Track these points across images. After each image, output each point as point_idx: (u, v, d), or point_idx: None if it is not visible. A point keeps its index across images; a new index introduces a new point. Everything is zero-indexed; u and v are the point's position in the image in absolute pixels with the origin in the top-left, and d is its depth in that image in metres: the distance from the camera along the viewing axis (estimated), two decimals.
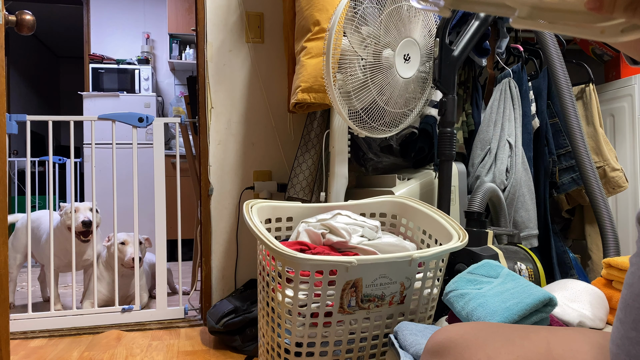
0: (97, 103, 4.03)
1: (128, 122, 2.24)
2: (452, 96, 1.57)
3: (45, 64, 6.56)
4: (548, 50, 1.78)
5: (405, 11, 1.49)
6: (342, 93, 1.48)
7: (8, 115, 2.10)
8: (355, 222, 1.32)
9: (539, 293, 0.94)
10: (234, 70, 2.17)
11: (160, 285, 2.20)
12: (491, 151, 1.82)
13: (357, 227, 1.31)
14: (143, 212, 2.29)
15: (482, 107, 1.97)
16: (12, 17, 1.31)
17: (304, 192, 1.95)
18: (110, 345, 1.88)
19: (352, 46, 1.46)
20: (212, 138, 2.15)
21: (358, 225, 1.31)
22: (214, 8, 2.14)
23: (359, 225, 1.31)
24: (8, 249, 1.30)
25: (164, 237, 2.20)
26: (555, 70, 1.77)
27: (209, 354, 1.79)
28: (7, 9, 1.33)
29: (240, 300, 1.87)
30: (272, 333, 1.18)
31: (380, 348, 1.21)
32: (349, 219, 1.33)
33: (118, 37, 4.60)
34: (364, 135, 1.56)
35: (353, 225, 1.31)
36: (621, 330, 0.44)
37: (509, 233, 1.60)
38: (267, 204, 1.37)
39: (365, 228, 1.31)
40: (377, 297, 1.13)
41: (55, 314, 2.09)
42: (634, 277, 0.44)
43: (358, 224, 1.31)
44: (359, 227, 1.31)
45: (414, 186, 1.70)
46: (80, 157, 4.37)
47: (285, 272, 1.10)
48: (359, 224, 1.31)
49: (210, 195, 2.15)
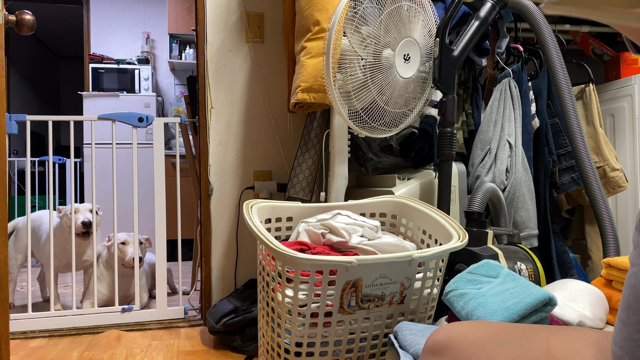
0: (97, 103, 4.03)
1: (128, 122, 2.24)
2: (452, 96, 1.57)
3: (45, 64, 6.56)
4: (548, 50, 1.78)
5: (405, 11, 1.49)
6: (342, 93, 1.48)
7: (8, 115, 2.10)
8: (355, 222, 1.32)
9: (538, 293, 0.94)
10: (234, 70, 2.17)
11: (160, 285, 2.20)
12: (491, 151, 1.82)
13: (357, 227, 1.31)
14: (143, 212, 2.29)
15: (482, 107, 1.97)
16: (12, 17, 1.31)
17: (304, 192, 1.95)
18: (110, 345, 1.88)
19: (352, 46, 1.46)
20: (212, 138, 2.15)
21: (358, 225, 1.31)
22: (214, 8, 2.14)
23: (358, 225, 1.31)
24: (9, 250, 1.30)
25: (164, 237, 2.20)
26: (555, 70, 1.77)
27: (209, 354, 1.79)
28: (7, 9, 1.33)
29: (240, 300, 1.87)
30: (272, 333, 1.18)
31: (380, 348, 1.21)
32: (349, 219, 1.33)
33: (118, 37, 4.60)
34: (364, 135, 1.56)
35: (353, 225, 1.31)
36: (624, 332, 0.44)
37: (509, 233, 1.60)
38: (267, 204, 1.37)
39: (365, 228, 1.31)
40: (377, 297, 1.13)
41: (55, 314, 2.09)
42: (636, 277, 0.44)
43: (358, 224, 1.31)
44: (359, 227, 1.31)
45: (414, 186, 1.70)
46: (80, 157, 4.37)
47: (285, 272, 1.10)
48: (359, 224, 1.31)
49: (210, 195, 2.15)
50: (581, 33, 2.37)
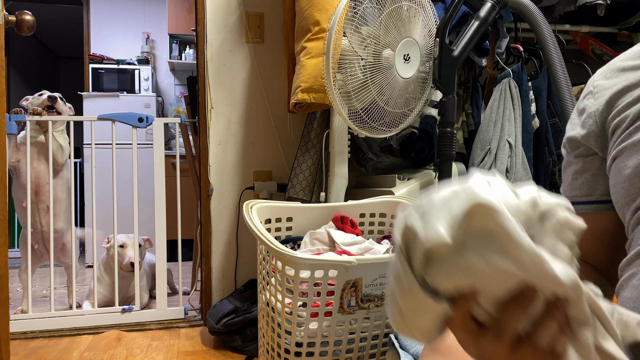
0: (97, 103, 4.03)
1: (128, 122, 2.24)
2: (452, 96, 1.57)
3: (45, 64, 6.56)
4: (548, 50, 1.78)
5: (405, 11, 1.49)
6: (342, 93, 1.48)
7: (8, 115, 2.10)
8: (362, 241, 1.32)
9: None
10: (234, 70, 2.17)
11: (160, 286, 2.19)
12: (491, 151, 1.82)
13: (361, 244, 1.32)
14: (143, 212, 2.29)
15: (482, 107, 1.97)
16: (12, 17, 1.31)
17: (304, 192, 1.95)
18: (110, 346, 1.88)
19: (352, 46, 1.46)
20: (212, 138, 2.15)
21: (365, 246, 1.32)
22: (214, 8, 2.14)
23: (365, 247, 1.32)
24: None
25: (164, 238, 2.20)
26: (555, 70, 1.77)
27: (209, 354, 1.79)
28: (7, 9, 1.33)
29: (240, 300, 1.87)
30: (272, 333, 1.18)
31: (380, 348, 1.21)
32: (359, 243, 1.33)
33: (118, 37, 4.60)
34: (364, 135, 1.56)
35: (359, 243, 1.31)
36: None
37: None
38: (267, 204, 1.37)
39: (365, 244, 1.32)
40: (377, 296, 1.13)
41: (55, 314, 2.09)
42: None
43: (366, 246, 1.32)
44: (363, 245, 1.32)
45: (414, 186, 1.70)
46: (80, 157, 4.36)
47: (285, 272, 1.10)
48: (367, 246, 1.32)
49: (210, 195, 2.15)
50: (581, 33, 2.37)
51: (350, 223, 1.40)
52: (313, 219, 1.44)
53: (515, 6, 1.76)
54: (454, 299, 0.41)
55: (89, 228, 3.51)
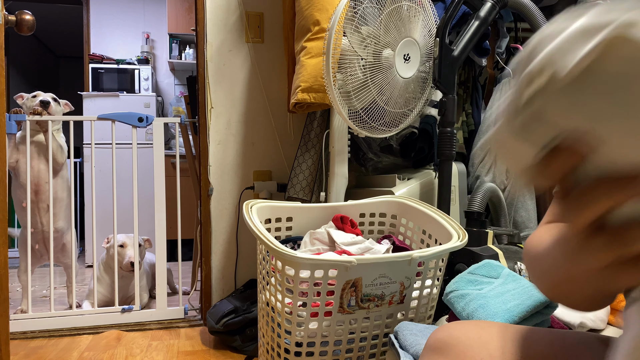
0: (97, 103, 4.03)
1: (128, 122, 2.24)
2: (452, 96, 1.57)
3: (45, 63, 6.56)
4: None
5: (405, 11, 1.49)
6: (342, 93, 1.48)
7: (8, 115, 2.10)
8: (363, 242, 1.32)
9: (540, 294, 0.94)
10: (233, 70, 2.17)
11: (160, 286, 2.19)
12: None
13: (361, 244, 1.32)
14: (143, 212, 2.29)
15: (482, 107, 1.97)
16: (12, 17, 1.31)
17: (304, 192, 1.95)
18: (110, 346, 1.88)
19: (352, 46, 1.46)
20: (212, 138, 2.15)
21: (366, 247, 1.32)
22: (214, 8, 2.14)
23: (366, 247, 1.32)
24: None
25: (164, 237, 2.20)
26: None
27: (209, 354, 1.79)
28: (7, 9, 1.33)
29: (240, 300, 1.87)
30: (272, 333, 1.18)
31: (380, 348, 1.21)
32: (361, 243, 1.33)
33: (118, 37, 4.59)
34: (364, 135, 1.55)
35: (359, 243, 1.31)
36: None
37: (509, 233, 1.60)
38: (266, 204, 1.37)
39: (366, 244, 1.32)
40: (376, 296, 1.12)
41: (55, 314, 2.09)
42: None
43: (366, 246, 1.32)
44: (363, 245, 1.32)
45: (414, 186, 1.70)
46: (80, 157, 4.36)
47: (285, 272, 1.10)
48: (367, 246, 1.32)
49: (210, 195, 2.15)
50: None
51: (350, 223, 1.40)
52: (313, 218, 1.44)
53: (515, 6, 1.76)
54: (556, 149, 0.32)
55: (88, 228, 3.50)
